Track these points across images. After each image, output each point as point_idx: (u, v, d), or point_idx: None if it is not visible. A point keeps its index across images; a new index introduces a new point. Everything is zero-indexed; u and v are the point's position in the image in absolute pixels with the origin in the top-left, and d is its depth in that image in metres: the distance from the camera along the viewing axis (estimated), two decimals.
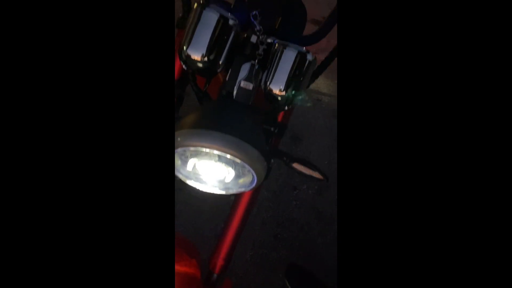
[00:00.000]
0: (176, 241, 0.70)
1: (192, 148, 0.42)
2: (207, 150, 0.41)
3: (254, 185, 0.48)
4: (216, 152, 0.41)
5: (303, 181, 1.46)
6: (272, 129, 0.57)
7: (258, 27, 0.49)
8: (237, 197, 0.67)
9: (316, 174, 0.53)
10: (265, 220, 1.32)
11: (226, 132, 0.40)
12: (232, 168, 0.47)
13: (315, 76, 0.55)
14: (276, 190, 1.41)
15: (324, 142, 1.65)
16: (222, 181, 0.50)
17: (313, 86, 2.02)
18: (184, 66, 0.47)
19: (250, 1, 0.55)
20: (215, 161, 0.46)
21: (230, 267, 0.71)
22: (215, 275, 0.69)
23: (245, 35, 0.52)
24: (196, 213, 1.29)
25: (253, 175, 0.45)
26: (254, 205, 0.69)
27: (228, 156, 0.41)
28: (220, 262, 0.69)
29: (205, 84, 0.53)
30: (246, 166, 0.43)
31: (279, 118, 0.63)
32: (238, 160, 0.42)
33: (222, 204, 1.28)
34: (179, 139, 0.42)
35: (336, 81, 2.04)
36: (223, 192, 0.51)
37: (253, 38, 0.50)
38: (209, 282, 0.69)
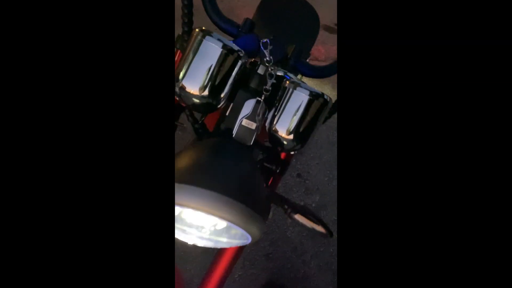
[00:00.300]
0: None
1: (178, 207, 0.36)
2: (194, 210, 0.35)
3: (249, 242, 0.42)
4: (202, 213, 0.35)
5: (301, 198, 1.40)
6: (273, 167, 0.51)
7: (268, 57, 0.42)
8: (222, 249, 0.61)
9: (320, 228, 0.47)
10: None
11: (215, 190, 0.34)
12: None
13: (331, 113, 0.48)
14: (272, 205, 1.35)
15: (325, 157, 1.59)
16: (212, 233, 0.43)
17: None
18: (177, 98, 0.41)
19: (262, 23, 0.48)
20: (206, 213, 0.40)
21: None
22: None
23: (252, 60, 0.46)
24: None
25: (247, 236, 0.39)
26: (238, 258, 0.63)
27: (217, 218, 0.35)
28: None
29: (202, 115, 0.46)
30: (239, 229, 0.37)
31: (282, 155, 0.56)
32: (225, 222, 0.36)
33: None
34: None
35: None
36: (210, 245, 0.45)
37: (261, 69, 0.43)
38: None
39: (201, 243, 0.44)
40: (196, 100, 0.40)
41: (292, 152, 0.47)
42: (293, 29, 0.85)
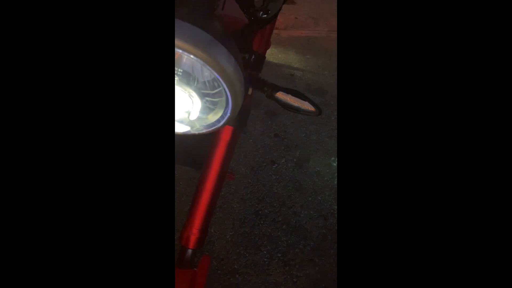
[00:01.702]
0: None
1: None
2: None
3: (228, 115, 0.37)
4: (177, 50, 0.30)
5: (281, 155, 1.38)
6: (246, 57, 0.45)
7: None
8: (209, 153, 0.57)
9: (306, 105, 0.43)
10: (244, 197, 1.23)
11: (194, 24, 0.29)
12: (198, 94, 0.36)
13: None
14: (254, 166, 1.33)
15: (300, 116, 1.58)
16: (185, 116, 0.39)
17: (284, 61, 1.94)
18: None
19: None
20: (177, 85, 0.35)
21: (209, 248, 0.61)
22: (189, 251, 0.59)
23: None
24: None
25: (227, 96, 0.35)
26: (229, 162, 0.59)
27: (194, 57, 0.30)
28: (194, 234, 0.58)
29: None
30: (219, 80, 0.33)
31: (254, 46, 0.52)
32: (208, 68, 0.31)
33: (191, 183, 1.19)
34: None
35: (307, 56, 1.97)
36: (187, 129, 0.41)
37: None
38: (182, 260, 0.59)
39: (178, 128, 0.40)
40: None
41: (265, 16, 0.42)
42: None
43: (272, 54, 1.92)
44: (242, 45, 0.45)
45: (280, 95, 0.43)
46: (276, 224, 1.17)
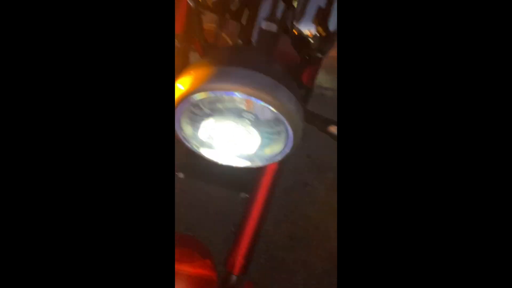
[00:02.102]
0: (185, 242, 0.61)
1: (210, 95, 0.31)
2: (233, 93, 0.31)
3: (288, 149, 0.37)
4: (242, 96, 0.31)
5: (314, 177, 1.36)
6: (302, 92, 0.47)
7: None
8: (258, 178, 0.56)
9: None
10: (278, 220, 1.21)
11: (262, 72, 0.31)
12: (258, 131, 0.37)
13: None
14: (286, 187, 1.31)
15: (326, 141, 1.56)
16: (244, 150, 0.39)
17: None
18: (190, 3, 0.38)
19: None
20: (236, 122, 0.36)
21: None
22: (234, 277, 0.58)
23: None
24: (202, 216, 1.17)
25: (288, 133, 0.35)
26: (274, 194, 0.59)
27: (261, 102, 0.31)
28: (239, 261, 0.58)
29: (215, 32, 0.43)
30: (282, 119, 0.33)
31: (304, 79, 0.53)
32: (272, 109, 0.32)
33: (229, 205, 1.18)
34: (185, 85, 0.31)
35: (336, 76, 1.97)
36: (247, 164, 0.40)
37: None
38: (227, 285, 0.58)
39: (235, 162, 0.40)
40: None
41: (320, 55, 0.43)
42: None
43: None
44: (297, 81, 0.46)
45: (333, 128, 0.43)
46: (310, 249, 1.14)
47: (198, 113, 0.35)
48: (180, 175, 0.83)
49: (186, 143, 0.39)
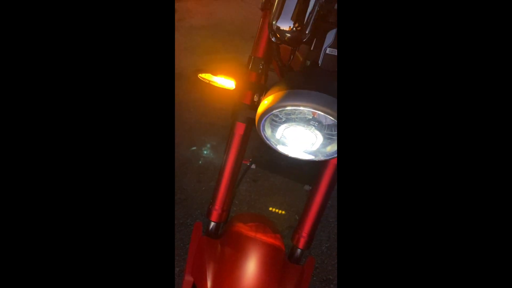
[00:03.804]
0: (260, 219, 0.72)
1: (288, 108, 0.45)
2: (304, 109, 0.44)
3: None
4: (314, 110, 0.44)
5: None
6: None
7: None
8: (320, 171, 0.68)
9: None
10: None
11: (324, 92, 0.43)
12: (321, 133, 0.49)
13: None
14: None
15: None
16: (310, 147, 0.52)
17: None
18: (273, 39, 0.51)
19: None
20: (304, 127, 0.49)
21: (305, 255, 0.70)
22: (299, 250, 0.70)
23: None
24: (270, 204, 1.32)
25: None
26: (335, 181, 0.69)
27: (328, 116, 0.43)
28: (304, 237, 0.69)
29: (290, 56, 0.56)
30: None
31: None
32: (331, 118, 0.44)
33: (294, 196, 1.30)
34: (269, 101, 0.45)
35: None
36: (312, 157, 0.53)
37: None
38: (293, 257, 0.70)
39: (303, 156, 0.53)
40: (288, 35, 0.50)
41: None
42: None
43: None
44: None
45: None
46: None
47: (277, 120, 0.49)
48: (252, 166, 0.98)
49: (267, 141, 0.53)
